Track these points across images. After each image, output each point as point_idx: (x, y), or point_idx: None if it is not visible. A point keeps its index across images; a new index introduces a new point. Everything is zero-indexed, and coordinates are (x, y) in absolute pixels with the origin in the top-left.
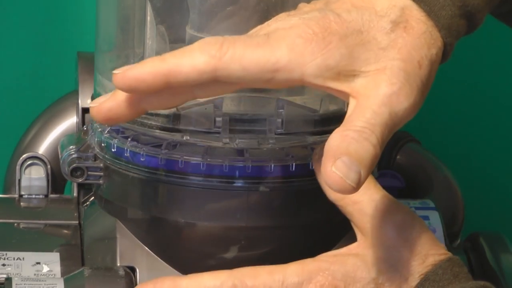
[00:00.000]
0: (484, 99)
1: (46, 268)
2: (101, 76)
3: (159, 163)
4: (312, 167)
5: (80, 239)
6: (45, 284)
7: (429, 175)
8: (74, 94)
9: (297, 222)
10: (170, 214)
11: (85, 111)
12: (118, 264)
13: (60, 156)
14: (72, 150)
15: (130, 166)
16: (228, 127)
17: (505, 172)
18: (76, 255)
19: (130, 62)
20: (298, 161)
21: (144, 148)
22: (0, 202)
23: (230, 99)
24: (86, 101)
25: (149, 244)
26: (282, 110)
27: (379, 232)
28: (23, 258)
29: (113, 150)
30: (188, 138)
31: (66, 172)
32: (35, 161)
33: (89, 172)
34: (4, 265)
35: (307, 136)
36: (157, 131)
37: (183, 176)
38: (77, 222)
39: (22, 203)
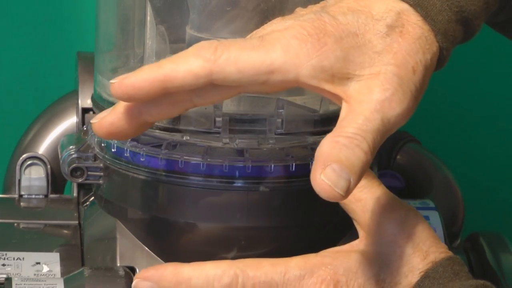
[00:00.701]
0: (484, 99)
1: (46, 268)
2: (101, 76)
3: (159, 163)
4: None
5: (80, 239)
6: (45, 284)
7: (429, 175)
8: (74, 94)
9: (297, 222)
10: (170, 214)
11: (85, 111)
12: (118, 264)
13: (60, 156)
14: (72, 150)
15: (130, 166)
16: (228, 127)
17: (505, 172)
18: (76, 255)
19: (130, 62)
20: (298, 161)
21: (144, 148)
22: (0, 202)
23: (230, 99)
24: (86, 101)
25: (149, 244)
26: (282, 110)
27: (381, 229)
28: (23, 258)
29: (113, 150)
30: (188, 138)
31: (66, 172)
32: (35, 161)
33: (89, 172)
34: (4, 265)
35: (307, 136)
36: (157, 131)
37: (183, 176)
38: (77, 222)
39: (22, 203)
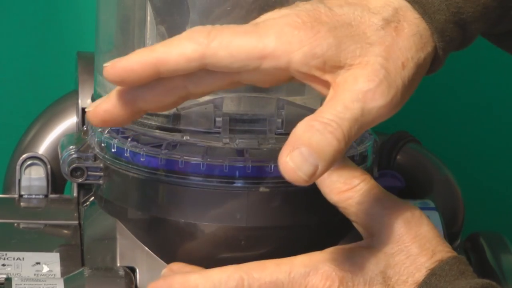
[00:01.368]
0: (484, 99)
1: (46, 268)
2: (101, 76)
3: (159, 163)
4: None
5: (80, 239)
6: (45, 284)
7: (429, 175)
8: (74, 94)
9: (297, 222)
10: (170, 214)
11: (85, 111)
12: (118, 264)
13: (60, 156)
14: (72, 150)
15: (130, 166)
16: (228, 127)
17: (505, 172)
18: (76, 255)
19: None
20: None
21: (144, 148)
22: (0, 202)
23: (230, 99)
24: (86, 101)
25: (149, 244)
26: (282, 110)
27: (387, 230)
28: (23, 258)
29: (113, 150)
30: (188, 138)
31: (66, 172)
32: (35, 161)
33: (89, 172)
34: (4, 265)
35: None
36: (157, 131)
37: (183, 176)
38: (77, 222)
39: (22, 203)
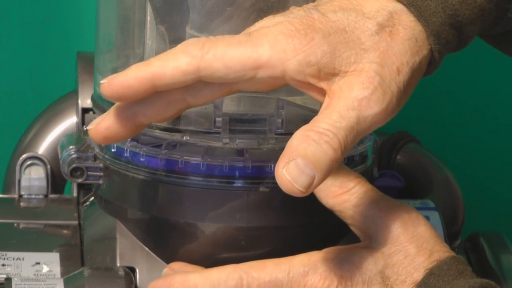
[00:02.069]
0: (484, 99)
1: (46, 268)
2: (101, 76)
3: (159, 163)
4: None
5: (80, 239)
6: (45, 284)
7: (429, 175)
8: (74, 94)
9: (297, 222)
10: (170, 214)
11: (85, 111)
12: (118, 264)
13: (60, 156)
14: (72, 150)
15: (130, 166)
16: (228, 127)
17: (505, 172)
18: (76, 255)
19: (130, 62)
20: None
21: (144, 148)
22: (0, 202)
23: (230, 99)
24: (86, 101)
25: (149, 244)
26: (282, 110)
27: (384, 231)
28: (23, 258)
29: (113, 150)
30: (188, 138)
31: (66, 172)
32: (35, 161)
33: (89, 172)
34: (4, 265)
35: None
36: (157, 131)
37: (183, 176)
38: (77, 222)
39: (22, 203)
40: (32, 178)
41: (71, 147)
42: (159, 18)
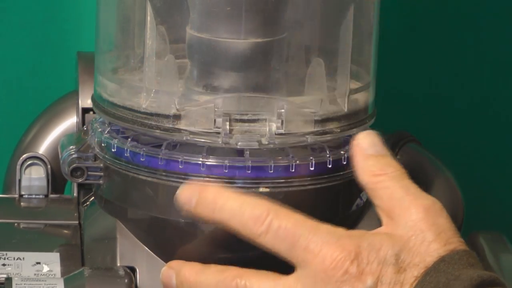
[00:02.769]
0: (484, 99)
1: (46, 268)
2: (101, 76)
3: (159, 163)
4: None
5: (80, 239)
6: (45, 284)
7: (429, 175)
8: (74, 94)
9: None
10: (170, 214)
11: (85, 111)
12: (118, 264)
13: (60, 156)
14: (72, 150)
15: (130, 166)
16: (228, 127)
17: (505, 172)
18: (76, 255)
19: (130, 62)
20: (298, 161)
21: (144, 148)
22: (0, 202)
23: (230, 99)
24: (86, 101)
25: (149, 244)
26: (282, 110)
27: (406, 214)
28: (23, 258)
29: (113, 150)
30: (188, 138)
31: (66, 172)
32: (35, 161)
33: (89, 172)
34: (4, 265)
35: (307, 136)
36: (157, 131)
37: (183, 176)
38: (77, 222)
39: (22, 203)
40: (33, 178)
41: (71, 147)
42: (159, 18)
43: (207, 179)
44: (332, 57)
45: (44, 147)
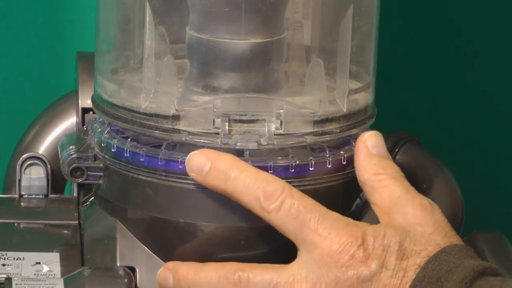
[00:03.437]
0: (484, 99)
1: (46, 268)
2: (101, 76)
3: (159, 163)
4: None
5: (80, 239)
6: (45, 284)
7: (429, 175)
8: (74, 94)
9: None
10: (170, 214)
11: (85, 111)
12: (118, 264)
13: (60, 156)
14: (72, 150)
15: (130, 166)
16: (227, 127)
17: (505, 172)
18: (76, 255)
19: (130, 63)
20: (298, 161)
21: (144, 148)
22: (0, 202)
23: (229, 99)
24: (86, 101)
25: (149, 244)
26: (282, 111)
27: (404, 211)
28: (23, 258)
29: (113, 150)
30: (188, 138)
31: (66, 172)
32: (35, 161)
33: (89, 172)
34: (4, 265)
35: (306, 136)
36: (156, 131)
37: (183, 176)
38: (77, 222)
39: (22, 203)
40: (32, 178)
41: (71, 147)
42: (158, 18)
43: None
44: (331, 57)
45: (44, 147)
